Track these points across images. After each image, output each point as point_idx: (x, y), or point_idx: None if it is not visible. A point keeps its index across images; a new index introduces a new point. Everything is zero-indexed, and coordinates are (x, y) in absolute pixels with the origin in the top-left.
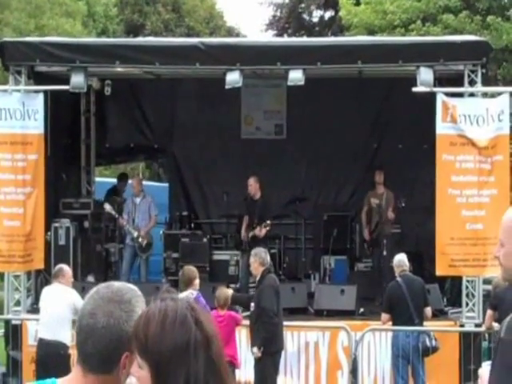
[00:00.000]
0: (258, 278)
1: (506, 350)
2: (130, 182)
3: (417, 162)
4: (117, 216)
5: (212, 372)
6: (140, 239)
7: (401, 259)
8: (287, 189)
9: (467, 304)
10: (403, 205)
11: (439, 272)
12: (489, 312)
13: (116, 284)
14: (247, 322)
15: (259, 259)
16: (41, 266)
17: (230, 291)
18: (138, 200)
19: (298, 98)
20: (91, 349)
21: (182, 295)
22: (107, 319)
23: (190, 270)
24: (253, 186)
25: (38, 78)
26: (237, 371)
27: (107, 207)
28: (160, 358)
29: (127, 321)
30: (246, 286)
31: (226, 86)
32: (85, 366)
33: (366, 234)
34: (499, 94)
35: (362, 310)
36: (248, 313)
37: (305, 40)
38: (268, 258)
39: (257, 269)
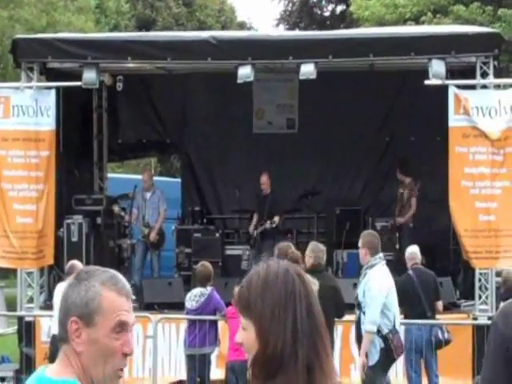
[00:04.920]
0: None
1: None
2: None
3: (429, 154)
4: (126, 217)
5: (311, 322)
6: (151, 237)
7: (413, 251)
8: (299, 183)
9: (480, 297)
10: None
11: (465, 258)
12: (501, 305)
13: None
14: None
15: (314, 258)
16: (50, 261)
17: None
18: (148, 195)
19: (310, 92)
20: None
21: (196, 291)
22: (62, 294)
23: (208, 266)
24: (266, 183)
25: (50, 74)
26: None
27: (116, 209)
28: (264, 309)
29: (74, 288)
30: None
31: (238, 81)
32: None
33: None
34: (511, 85)
35: None
36: None
37: (316, 33)
38: (323, 258)
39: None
